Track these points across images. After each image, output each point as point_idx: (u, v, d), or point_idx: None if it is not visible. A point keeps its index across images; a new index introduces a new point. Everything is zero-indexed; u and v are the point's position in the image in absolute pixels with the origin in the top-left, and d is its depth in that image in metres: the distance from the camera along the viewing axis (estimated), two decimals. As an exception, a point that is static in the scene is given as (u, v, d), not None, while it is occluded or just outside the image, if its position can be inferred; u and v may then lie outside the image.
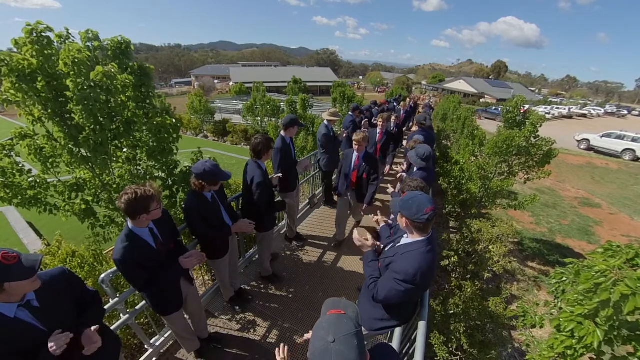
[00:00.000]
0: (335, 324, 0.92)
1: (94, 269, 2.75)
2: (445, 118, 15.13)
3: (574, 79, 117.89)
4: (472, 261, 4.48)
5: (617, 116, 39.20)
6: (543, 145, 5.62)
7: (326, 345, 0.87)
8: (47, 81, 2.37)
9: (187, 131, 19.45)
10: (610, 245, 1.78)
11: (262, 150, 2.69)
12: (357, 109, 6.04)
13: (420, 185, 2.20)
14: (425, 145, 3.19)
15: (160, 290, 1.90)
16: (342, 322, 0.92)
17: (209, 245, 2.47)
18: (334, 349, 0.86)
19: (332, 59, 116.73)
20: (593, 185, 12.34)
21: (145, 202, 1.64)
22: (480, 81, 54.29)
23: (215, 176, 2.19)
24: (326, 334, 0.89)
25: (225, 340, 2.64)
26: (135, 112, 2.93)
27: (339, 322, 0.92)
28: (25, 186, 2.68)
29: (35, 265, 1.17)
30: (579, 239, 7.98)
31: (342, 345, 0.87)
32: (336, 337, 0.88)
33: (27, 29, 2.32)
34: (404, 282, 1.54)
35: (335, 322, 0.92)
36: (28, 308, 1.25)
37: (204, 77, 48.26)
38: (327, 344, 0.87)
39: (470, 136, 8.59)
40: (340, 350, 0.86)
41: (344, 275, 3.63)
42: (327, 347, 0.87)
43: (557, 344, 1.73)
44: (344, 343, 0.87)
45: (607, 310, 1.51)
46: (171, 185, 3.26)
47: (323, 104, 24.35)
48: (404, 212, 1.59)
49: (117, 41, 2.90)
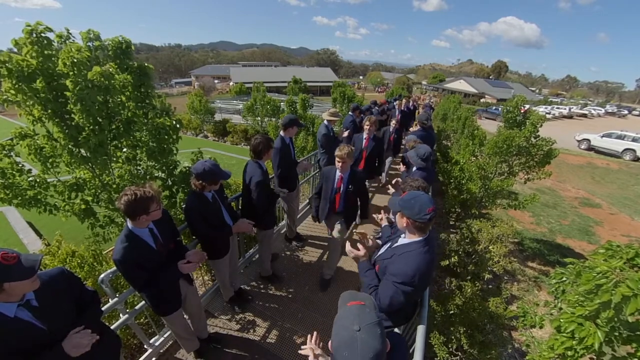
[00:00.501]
0: (358, 314, 0.94)
1: (94, 269, 2.75)
2: (445, 118, 15.13)
3: (574, 78, 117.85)
4: (472, 261, 4.48)
5: (617, 116, 39.21)
6: (543, 145, 5.62)
7: (352, 334, 0.89)
8: (46, 81, 2.37)
9: (187, 131, 19.45)
10: (610, 245, 1.77)
11: (262, 150, 2.69)
12: (357, 109, 6.05)
13: (422, 185, 2.19)
14: (425, 145, 3.18)
15: (160, 290, 1.90)
16: (364, 311, 0.94)
17: (210, 245, 2.47)
18: (360, 338, 0.88)
19: (333, 59, 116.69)
20: (593, 185, 12.33)
21: (144, 203, 1.64)
22: (481, 81, 54.25)
23: (215, 176, 2.18)
24: (351, 323, 0.91)
25: (224, 340, 2.63)
26: (135, 112, 2.93)
27: (361, 312, 0.94)
28: (25, 186, 2.68)
29: (34, 265, 1.17)
30: (579, 239, 7.97)
31: (367, 334, 0.89)
32: (361, 325, 0.90)
33: (27, 29, 2.32)
34: (402, 284, 1.53)
35: (358, 312, 0.94)
36: (27, 308, 1.25)
37: (204, 77, 48.26)
38: (353, 333, 0.89)
39: (470, 136, 8.59)
40: (365, 338, 0.88)
41: (344, 275, 3.63)
42: (353, 335, 0.89)
43: (557, 344, 1.72)
44: (369, 332, 0.89)
45: (608, 311, 1.51)
46: (171, 185, 3.26)
47: (323, 104, 24.35)
48: (405, 211, 1.57)
49: (118, 41, 2.90)
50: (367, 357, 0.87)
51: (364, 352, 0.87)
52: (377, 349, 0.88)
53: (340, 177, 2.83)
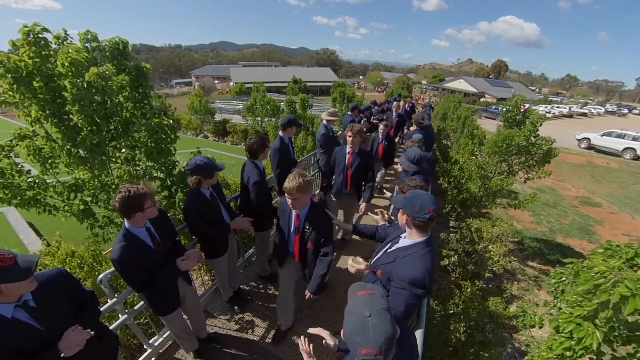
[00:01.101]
0: (368, 302, 0.97)
1: (94, 269, 2.76)
2: (445, 118, 15.12)
3: (574, 78, 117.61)
4: (472, 261, 4.47)
5: (617, 115, 39.14)
6: (543, 145, 5.61)
7: (364, 319, 0.92)
8: (44, 82, 2.37)
9: (188, 131, 19.47)
10: (610, 245, 1.77)
11: (257, 150, 2.70)
12: (356, 109, 6.04)
13: (420, 184, 2.19)
14: (415, 148, 3.09)
15: (158, 290, 1.90)
16: (374, 299, 0.98)
17: (209, 245, 2.48)
18: (372, 323, 0.91)
19: (333, 59, 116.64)
20: (594, 185, 12.30)
21: (139, 200, 1.65)
22: (481, 81, 54.16)
23: (210, 169, 2.21)
24: (362, 310, 0.95)
25: (224, 341, 2.63)
26: (133, 112, 2.93)
27: (371, 299, 0.98)
28: (25, 187, 2.68)
29: (31, 266, 1.17)
30: (579, 238, 7.96)
31: (379, 319, 0.92)
32: (372, 312, 0.93)
33: (24, 30, 2.32)
34: (414, 287, 1.50)
35: (368, 300, 0.98)
36: (25, 309, 1.25)
37: (205, 78, 48.28)
38: (364, 319, 0.92)
39: (470, 136, 8.58)
40: (377, 324, 0.91)
41: (343, 275, 3.62)
42: (365, 321, 0.92)
43: (556, 345, 1.72)
44: (380, 317, 0.93)
45: (606, 311, 1.50)
46: (170, 185, 3.26)
47: (323, 104, 24.34)
48: (406, 209, 1.58)
49: (115, 42, 2.91)
50: (379, 341, 0.89)
51: (376, 336, 0.90)
52: (389, 332, 0.91)
53: (296, 215, 2.12)
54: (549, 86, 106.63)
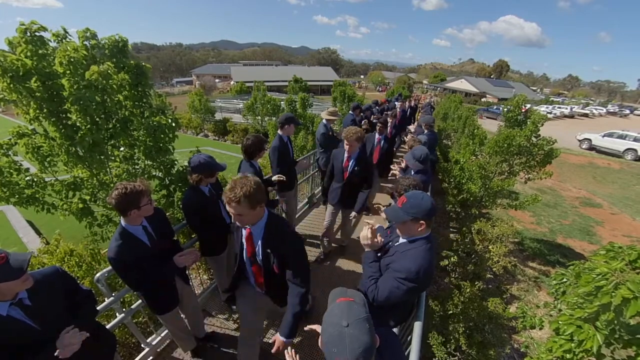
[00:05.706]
0: (346, 310, 0.94)
1: (92, 267, 2.74)
2: (446, 117, 15.08)
3: (576, 78, 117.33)
4: (472, 261, 4.46)
5: (619, 116, 39.04)
6: (544, 145, 5.58)
7: (340, 329, 0.90)
8: (42, 81, 2.35)
9: (188, 130, 19.45)
10: (612, 247, 1.74)
11: (254, 152, 2.71)
12: (358, 108, 6.02)
13: (413, 183, 2.17)
14: (422, 146, 3.09)
15: (155, 289, 1.89)
16: (352, 307, 0.95)
17: (207, 242, 2.48)
18: (348, 333, 0.89)
19: (334, 58, 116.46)
20: (594, 185, 12.26)
21: (135, 196, 1.64)
22: (482, 80, 54.05)
23: (211, 167, 2.23)
24: (339, 319, 0.92)
25: (222, 340, 2.62)
26: (132, 110, 2.91)
27: (350, 308, 0.95)
28: (23, 185, 2.67)
29: (23, 265, 1.16)
30: (580, 239, 7.93)
31: (356, 329, 0.90)
32: (349, 321, 0.91)
33: (21, 28, 2.30)
34: (405, 280, 1.52)
35: (346, 308, 0.95)
36: (20, 306, 1.25)
37: (205, 76, 48.21)
38: (341, 329, 0.90)
39: (470, 135, 8.55)
40: (354, 334, 0.89)
41: (342, 275, 3.61)
42: (342, 331, 0.90)
43: (555, 347, 1.70)
44: (357, 327, 0.90)
45: (607, 314, 1.48)
46: (168, 184, 3.25)
47: (324, 103, 24.31)
48: (419, 215, 1.54)
49: (114, 40, 2.88)
50: (356, 352, 0.87)
51: (353, 347, 0.87)
52: (366, 343, 0.89)
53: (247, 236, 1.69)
54: (550, 86, 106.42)
